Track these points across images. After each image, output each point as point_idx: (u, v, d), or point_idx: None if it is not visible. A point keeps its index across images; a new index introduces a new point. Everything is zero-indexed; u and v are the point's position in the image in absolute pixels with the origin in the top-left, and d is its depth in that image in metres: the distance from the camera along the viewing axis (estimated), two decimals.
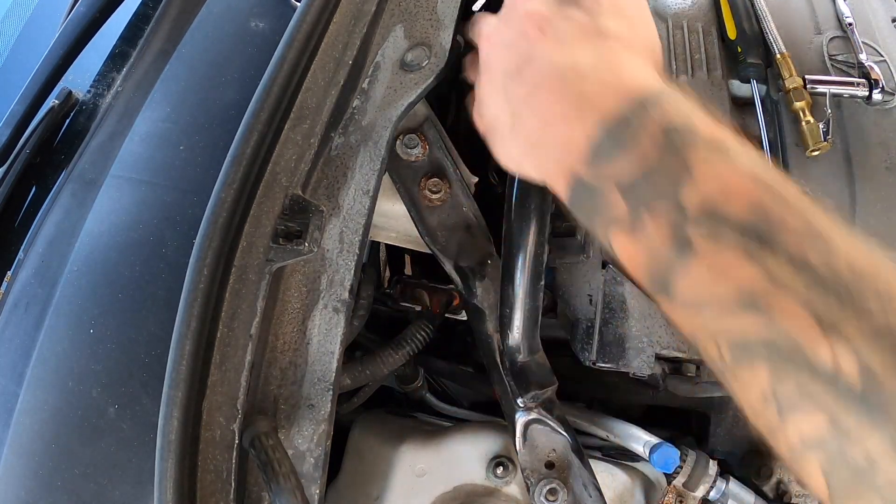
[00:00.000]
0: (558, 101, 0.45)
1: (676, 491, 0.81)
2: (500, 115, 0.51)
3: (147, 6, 0.85)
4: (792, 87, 0.83)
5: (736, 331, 0.36)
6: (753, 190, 0.37)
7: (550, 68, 0.46)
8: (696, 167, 0.38)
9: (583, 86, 0.44)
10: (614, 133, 0.41)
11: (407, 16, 0.65)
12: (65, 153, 0.80)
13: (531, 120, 0.48)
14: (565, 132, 0.44)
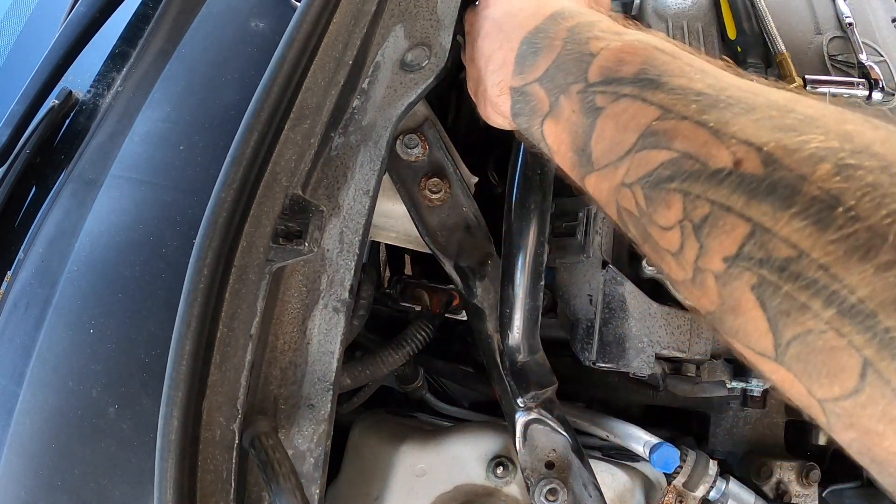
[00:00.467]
0: (492, 37, 0.54)
1: (676, 491, 0.81)
2: (475, 76, 0.59)
3: (147, 6, 0.85)
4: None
5: (645, 169, 0.38)
6: (644, 52, 0.41)
7: (490, 20, 0.55)
8: (595, 49, 0.43)
9: (511, 21, 0.52)
10: (532, 41, 0.49)
11: (407, 16, 0.65)
12: (65, 153, 0.80)
13: (485, 69, 0.55)
14: (499, 57, 0.52)
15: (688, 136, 0.35)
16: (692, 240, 0.35)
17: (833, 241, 0.28)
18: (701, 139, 0.35)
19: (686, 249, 0.35)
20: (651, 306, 0.75)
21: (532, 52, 0.49)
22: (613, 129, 0.40)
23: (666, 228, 0.36)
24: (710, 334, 0.79)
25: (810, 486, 0.88)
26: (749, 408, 0.87)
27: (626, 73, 0.41)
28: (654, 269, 0.77)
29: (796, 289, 0.29)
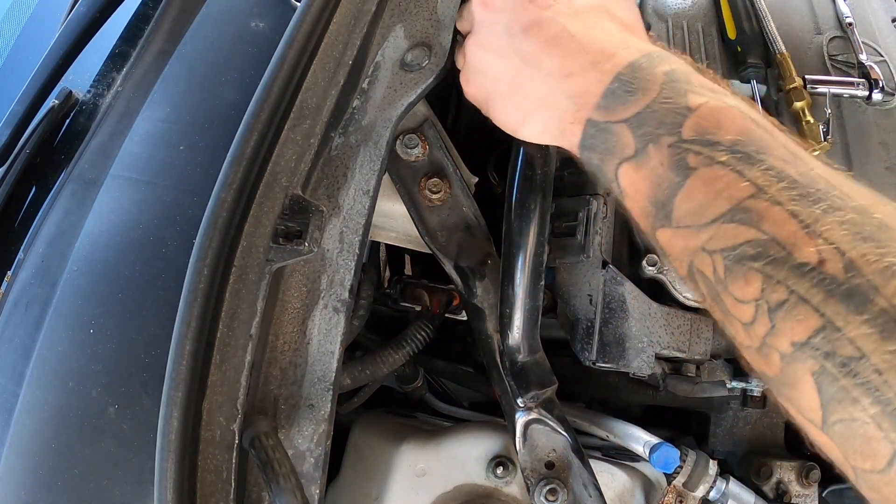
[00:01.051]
0: (572, 56, 0.50)
1: (676, 491, 0.81)
2: (502, 76, 0.55)
3: (147, 6, 0.85)
4: (791, 87, 0.83)
5: (730, 242, 0.40)
6: (742, 121, 0.42)
7: (561, 28, 0.51)
8: (694, 104, 0.43)
9: (595, 43, 0.49)
10: (626, 78, 0.47)
11: (407, 16, 0.65)
12: (65, 153, 0.80)
13: (540, 77, 0.52)
14: (581, 83, 0.49)
15: (778, 224, 0.38)
16: (765, 318, 0.38)
17: (891, 351, 0.33)
18: (790, 229, 0.38)
19: (757, 325, 0.39)
20: (651, 306, 0.75)
21: (625, 91, 0.47)
22: (703, 194, 0.41)
23: (741, 301, 0.40)
24: (710, 334, 0.79)
25: (810, 486, 0.88)
26: (749, 408, 0.87)
27: (723, 138, 0.41)
28: (655, 269, 0.77)
29: (852, 384, 0.34)
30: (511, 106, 0.55)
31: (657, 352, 0.75)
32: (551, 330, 0.79)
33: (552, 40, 0.51)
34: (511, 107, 0.55)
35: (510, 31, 0.54)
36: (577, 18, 0.51)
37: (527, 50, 0.52)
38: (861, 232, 0.36)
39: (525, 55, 0.53)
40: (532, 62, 0.52)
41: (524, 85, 0.53)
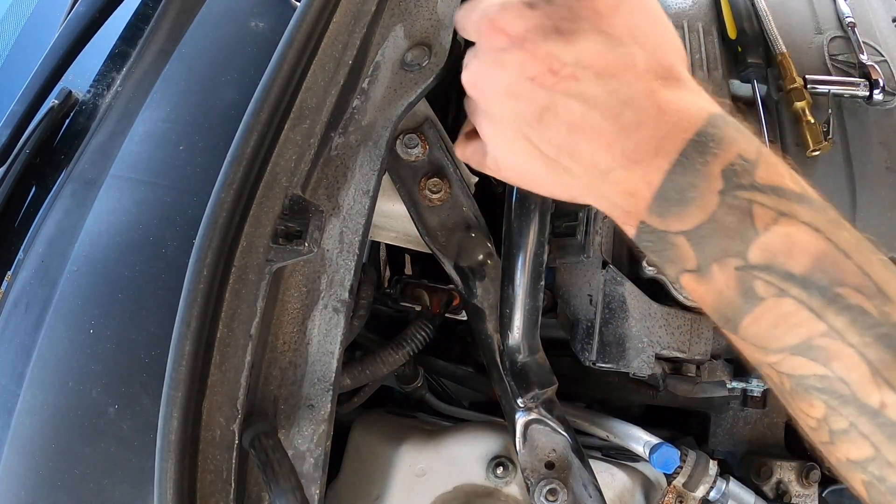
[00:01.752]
0: (606, 148, 0.43)
1: (676, 491, 0.81)
2: (535, 171, 0.48)
3: (147, 6, 0.85)
4: (792, 87, 0.83)
5: (797, 371, 0.41)
6: (815, 245, 0.40)
7: (581, 109, 0.43)
8: (760, 225, 0.40)
9: (629, 124, 0.42)
10: (679, 182, 0.42)
11: (407, 16, 0.65)
12: (65, 153, 0.80)
13: (579, 171, 0.45)
14: (626, 183, 0.43)
15: (848, 367, 0.39)
16: (826, 433, 0.41)
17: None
18: (859, 373, 0.39)
19: (820, 433, 0.42)
20: (651, 306, 0.75)
21: (679, 201, 0.41)
22: (771, 325, 0.41)
23: (806, 414, 0.42)
24: (710, 334, 0.79)
25: (810, 486, 0.88)
26: (749, 408, 0.87)
27: (795, 269, 0.39)
28: (655, 269, 0.77)
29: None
30: (558, 190, 0.48)
31: (657, 352, 0.75)
32: (551, 330, 0.79)
33: (575, 128, 0.43)
34: (557, 190, 0.49)
35: (524, 121, 0.45)
36: (599, 83, 0.43)
37: (551, 143, 0.45)
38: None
39: (552, 149, 0.45)
40: (563, 155, 0.45)
41: (563, 177, 0.46)
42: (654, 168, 0.42)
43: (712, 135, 0.41)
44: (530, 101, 0.45)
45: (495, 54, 0.46)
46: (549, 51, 0.43)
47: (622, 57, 0.43)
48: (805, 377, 0.40)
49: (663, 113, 0.42)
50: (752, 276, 0.40)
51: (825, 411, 0.40)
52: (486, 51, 0.47)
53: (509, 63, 0.45)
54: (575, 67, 0.43)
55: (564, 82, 0.43)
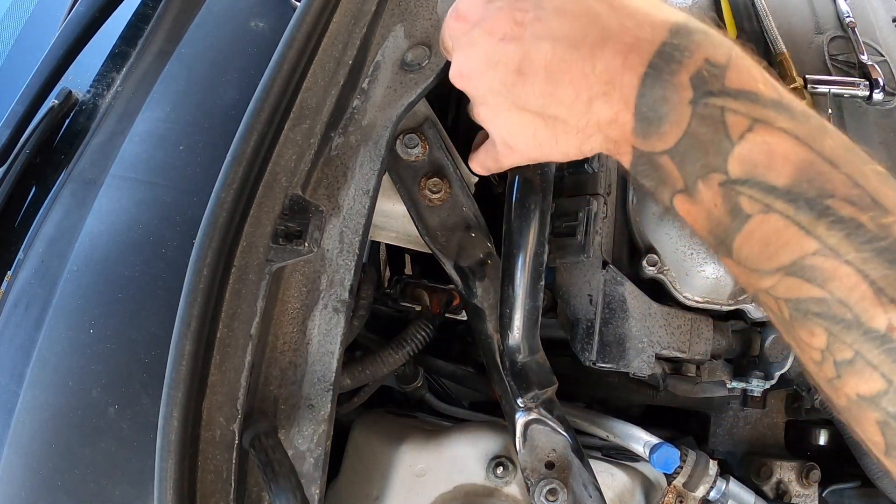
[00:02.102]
0: (581, 82, 0.42)
1: (676, 491, 0.81)
2: (531, 128, 0.48)
3: (147, 6, 0.85)
4: (792, 88, 0.83)
5: (794, 294, 0.37)
6: (797, 153, 0.37)
7: (550, 50, 0.43)
8: (735, 134, 0.38)
9: (595, 48, 0.41)
10: (648, 98, 0.40)
11: (407, 15, 0.65)
12: (65, 153, 0.80)
13: (567, 113, 0.44)
14: (607, 112, 0.42)
15: (846, 286, 0.35)
16: (831, 367, 0.37)
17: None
18: (860, 293, 0.35)
19: (825, 368, 0.38)
20: (651, 306, 0.75)
21: (655, 117, 0.40)
22: (762, 244, 0.38)
23: (808, 344, 0.38)
24: (710, 334, 0.79)
25: (810, 486, 0.88)
26: (749, 408, 0.87)
27: (778, 181, 0.37)
28: (655, 269, 0.77)
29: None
30: (563, 148, 0.48)
31: (657, 352, 0.75)
32: (551, 330, 0.79)
33: (552, 69, 0.43)
34: (563, 148, 0.48)
35: (509, 92, 0.46)
36: (561, 15, 0.43)
37: (536, 95, 0.45)
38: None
39: (539, 101, 0.45)
40: (550, 103, 0.45)
41: (560, 130, 0.46)
42: (627, 86, 0.41)
43: (677, 44, 0.40)
44: (507, 60, 0.45)
45: (466, 38, 0.48)
46: (510, 5, 0.45)
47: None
48: (802, 301, 0.37)
49: (625, 26, 0.41)
50: (736, 192, 0.38)
51: (827, 339, 0.37)
52: (459, 41, 0.50)
53: (479, 36, 0.47)
54: (536, 10, 0.44)
55: (531, 27, 0.44)
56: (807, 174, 0.36)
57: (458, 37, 0.49)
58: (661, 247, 0.78)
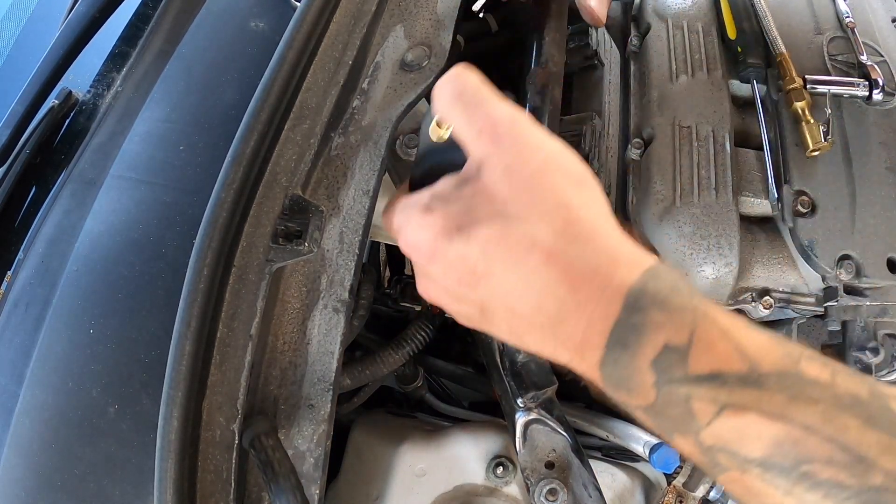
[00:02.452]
0: (544, 338, 0.42)
1: (676, 491, 0.81)
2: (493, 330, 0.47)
3: (147, 6, 0.85)
4: (792, 88, 0.83)
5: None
6: (769, 429, 0.36)
7: (511, 303, 0.42)
8: (702, 419, 0.38)
9: (552, 318, 0.41)
10: (612, 375, 0.40)
11: (407, 16, 0.65)
12: (65, 153, 0.80)
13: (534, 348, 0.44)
14: (572, 363, 0.42)
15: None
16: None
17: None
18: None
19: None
20: None
21: (623, 388, 0.40)
22: (744, 491, 0.39)
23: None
24: None
25: None
26: None
27: (752, 454, 0.37)
28: None
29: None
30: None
31: None
32: None
33: (514, 320, 0.43)
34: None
35: (469, 317, 0.46)
36: (511, 274, 0.41)
37: (504, 333, 0.45)
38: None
39: (507, 337, 0.45)
40: (516, 340, 0.45)
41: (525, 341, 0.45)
42: (589, 360, 0.40)
43: (633, 325, 0.38)
44: (469, 303, 0.45)
45: (421, 269, 0.47)
46: (457, 254, 0.42)
47: (521, 238, 0.40)
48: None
49: (579, 301, 0.39)
50: (712, 452, 0.38)
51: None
52: (416, 265, 0.48)
53: (435, 276, 0.45)
54: (486, 262, 0.42)
55: (484, 282, 0.42)
56: (781, 447, 0.36)
57: (413, 258, 0.47)
58: (661, 247, 0.78)
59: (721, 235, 0.76)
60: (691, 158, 0.81)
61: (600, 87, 0.92)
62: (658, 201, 0.80)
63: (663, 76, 0.89)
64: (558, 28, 0.72)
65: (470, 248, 0.42)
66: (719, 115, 0.84)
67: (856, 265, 0.75)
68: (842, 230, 0.77)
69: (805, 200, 0.78)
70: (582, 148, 0.83)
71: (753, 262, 0.79)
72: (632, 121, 0.89)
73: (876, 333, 0.76)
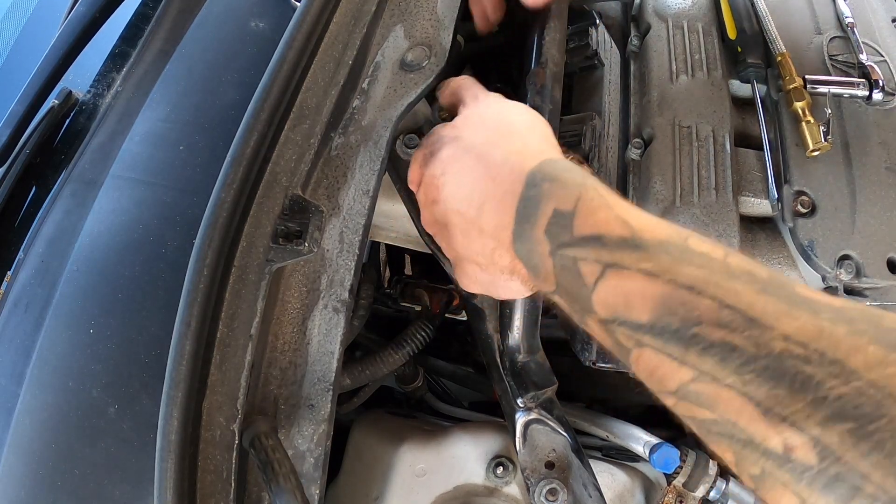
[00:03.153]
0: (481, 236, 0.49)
1: (676, 491, 0.81)
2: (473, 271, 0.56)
3: (147, 6, 0.85)
4: (791, 88, 0.83)
5: (692, 415, 0.37)
6: (653, 289, 0.36)
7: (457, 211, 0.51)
8: (589, 280, 0.39)
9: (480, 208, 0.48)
10: (521, 251, 0.44)
11: (407, 16, 0.65)
12: (65, 153, 0.80)
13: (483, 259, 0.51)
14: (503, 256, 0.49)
15: (734, 409, 0.34)
16: (748, 478, 0.35)
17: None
18: (748, 415, 0.33)
19: (744, 478, 0.36)
20: None
21: (534, 267, 0.44)
22: (648, 373, 0.38)
23: (721, 458, 0.37)
24: None
25: None
26: None
27: (640, 318, 0.37)
28: None
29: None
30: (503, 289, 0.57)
31: None
32: (551, 330, 0.79)
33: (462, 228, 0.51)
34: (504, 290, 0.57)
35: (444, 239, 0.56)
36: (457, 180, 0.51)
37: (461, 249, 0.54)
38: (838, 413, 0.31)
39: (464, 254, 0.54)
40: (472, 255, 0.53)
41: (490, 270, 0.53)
42: (506, 241, 0.45)
43: (531, 196, 0.43)
44: (437, 221, 0.55)
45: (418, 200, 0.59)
46: (429, 174, 0.55)
47: (464, 147, 0.51)
48: (701, 421, 0.36)
49: (498, 179, 0.46)
50: (612, 329, 0.38)
51: (735, 456, 0.35)
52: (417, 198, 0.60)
53: (422, 202, 0.57)
54: (442, 176, 0.52)
55: (439, 192, 0.53)
56: (667, 307, 0.36)
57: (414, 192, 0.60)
58: None
59: (721, 235, 0.76)
60: (691, 158, 0.81)
61: (600, 87, 0.92)
62: (658, 201, 0.80)
63: (663, 76, 0.89)
64: (558, 28, 0.72)
65: (435, 166, 0.53)
66: (719, 115, 0.84)
67: (856, 265, 0.75)
68: (842, 230, 0.77)
69: (805, 200, 0.78)
70: (582, 148, 0.83)
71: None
72: (632, 121, 0.89)
73: None
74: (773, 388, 0.32)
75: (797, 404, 0.32)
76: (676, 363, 0.36)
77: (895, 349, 0.31)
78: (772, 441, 0.33)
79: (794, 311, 0.33)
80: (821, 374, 0.31)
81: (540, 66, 0.68)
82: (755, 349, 0.33)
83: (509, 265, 0.48)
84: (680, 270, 0.36)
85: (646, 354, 0.37)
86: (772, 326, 0.33)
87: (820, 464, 0.31)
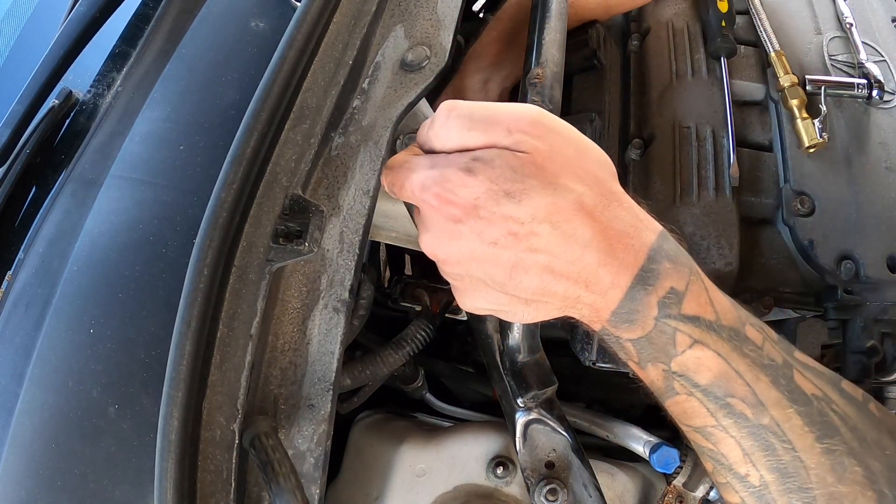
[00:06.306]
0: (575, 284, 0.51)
1: (676, 491, 0.81)
2: (508, 305, 0.54)
3: (147, 6, 0.85)
4: (786, 85, 0.83)
5: (697, 442, 0.56)
6: (717, 366, 0.52)
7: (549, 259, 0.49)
8: (680, 347, 0.52)
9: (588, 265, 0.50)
10: (626, 308, 0.51)
11: (407, 16, 0.65)
12: (65, 153, 0.80)
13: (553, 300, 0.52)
14: (591, 302, 0.52)
15: (728, 449, 0.54)
16: (715, 480, 0.58)
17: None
18: (735, 455, 0.54)
19: (715, 479, 0.58)
20: None
21: (627, 320, 0.52)
22: (682, 411, 0.54)
23: (702, 462, 0.59)
24: None
25: None
26: None
27: (701, 381, 0.52)
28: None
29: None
30: (534, 318, 0.55)
31: None
32: (551, 330, 0.79)
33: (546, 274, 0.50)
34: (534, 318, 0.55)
35: (494, 283, 0.52)
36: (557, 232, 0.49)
37: (526, 290, 0.51)
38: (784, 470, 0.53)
39: (527, 294, 0.52)
40: (538, 296, 0.52)
41: (539, 308, 0.54)
42: (611, 297, 0.51)
43: (652, 270, 0.51)
44: (497, 263, 0.50)
45: (449, 225, 0.50)
46: (505, 215, 0.48)
47: (571, 202, 0.49)
48: (701, 447, 0.55)
49: (614, 249, 0.50)
50: (673, 378, 0.53)
51: (713, 467, 0.56)
52: (437, 221, 0.51)
53: (466, 233, 0.50)
54: (532, 224, 0.48)
55: (526, 240, 0.49)
56: (720, 380, 0.52)
57: (438, 218, 0.51)
58: None
59: (721, 235, 0.76)
60: (691, 158, 0.81)
61: (600, 87, 0.92)
62: (658, 201, 0.80)
63: (663, 76, 0.89)
64: (558, 28, 0.72)
65: (520, 210, 0.48)
66: (719, 115, 0.84)
67: (856, 265, 0.75)
68: (842, 230, 0.77)
69: (805, 200, 0.78)
70: None
71: (753, 262, 0.79)
72: (632, 121, 0.89)
73: (875, 333, 0.76)
74: (754, 443, 0.53)
75: (762, 458, 0.53)
76: (706, 412, 0.53)
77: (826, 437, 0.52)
78: (750, 476, 0.54)
79: (783, 400, 0.52)
80: (778, 445, 0.52)
81: (540, 66, 0.68)
82: (754, 419, 0.52)
83: (589, 313, 0.53)
84: (737, 358, 0.52)
85: (691, 401, 0.53)
86: (767, 409, 0.52)
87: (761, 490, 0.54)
